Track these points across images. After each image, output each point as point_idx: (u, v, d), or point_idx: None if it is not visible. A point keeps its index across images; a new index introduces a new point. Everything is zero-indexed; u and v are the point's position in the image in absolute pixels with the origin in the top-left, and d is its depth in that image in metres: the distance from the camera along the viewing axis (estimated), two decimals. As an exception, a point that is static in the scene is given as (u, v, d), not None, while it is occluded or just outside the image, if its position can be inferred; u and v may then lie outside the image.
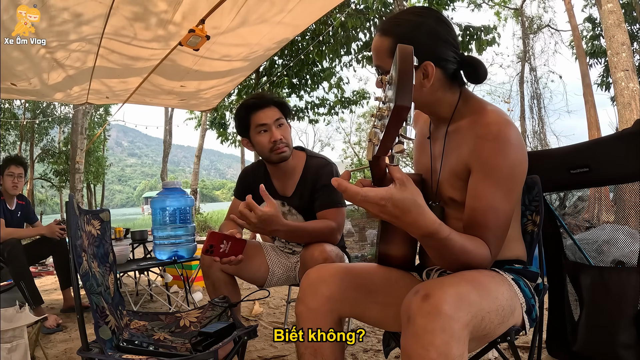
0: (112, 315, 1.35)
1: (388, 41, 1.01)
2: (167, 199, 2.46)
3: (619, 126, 6.97)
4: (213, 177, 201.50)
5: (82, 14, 2.59)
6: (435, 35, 1.01)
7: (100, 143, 22.07)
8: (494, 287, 0.92)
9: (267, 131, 1.68)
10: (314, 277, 1.12)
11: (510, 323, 0.97)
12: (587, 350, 1.32)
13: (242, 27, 2.99)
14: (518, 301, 0.99)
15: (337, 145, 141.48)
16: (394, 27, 1.02)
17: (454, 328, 0.75)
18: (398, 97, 0.60)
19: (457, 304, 0.78)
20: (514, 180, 0.96)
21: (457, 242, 0.87)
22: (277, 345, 2.22)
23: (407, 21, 1.03)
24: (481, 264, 0.92)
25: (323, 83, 9.24)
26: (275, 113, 1.70)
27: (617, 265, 1.35)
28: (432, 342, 0.74)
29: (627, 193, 1.40)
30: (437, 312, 0.76)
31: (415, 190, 0.78)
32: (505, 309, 0.91)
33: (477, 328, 0.82)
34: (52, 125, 20.68)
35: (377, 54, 1.04)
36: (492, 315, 0.86)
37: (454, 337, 0.75)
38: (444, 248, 0.87)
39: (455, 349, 0.75)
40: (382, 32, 1.04)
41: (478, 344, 0.92)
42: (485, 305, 0.85)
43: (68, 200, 1.27)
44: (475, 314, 0.81)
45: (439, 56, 1.00)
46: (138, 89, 3.96)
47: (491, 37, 7.39)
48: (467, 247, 0.89)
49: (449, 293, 0.79)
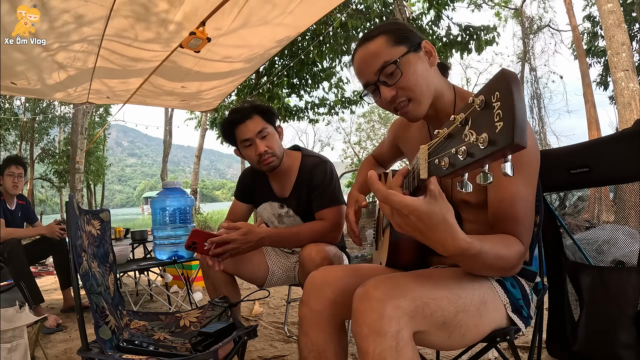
0: (112, 315, 1.35)
1: (382, 38, 1.02)
2: (167, 199, 2.46)
3: (619, 126, 6.97)
4: (213, 177, 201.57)
5: (84, 15, 2.59)
6: (415, 27, 1.07)
7: (100, 143, 22.08)
8: (445, 278, 0.94)
9: (251, 145, 1.67)
10: (319, 279, 1.11)
11: (488, 317, 0.96)
12: (587, 350, 1.32)
13: (243, 28, 2.99)
14: (496, 298, 0.99)
15: (337, 145, 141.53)
16: (377, 30, 1.04)
17: (384, 308, 0.82)
18: (517, 134, 0.51)
19: (388, 289, 0.85)
20: (531, 165, 0.96)
21: (490, 253, 0.84)
22: (277, 345, 2.22)
23: (383, 23, 1.08)
24: (516, 263, 0.91)
25: (323, 83, 9.24)
26: (257, 124, 1.66)
27: (617, 265, 1.35)
28: (364, 320, 0.83)
29: (627, 193, 1.40)
30: (367, 296, 0.85)
31: (446, 206, 0.72)
32: (463, 298, 0.91)
33: (422, 312, 0.85)
34: (52, 125, 20.68)
35: (375, 54, 1.01)
36: (441, 301, 0.87)
37: (385, 317, 0.81)
38: (476, 263, 0.85)
39: (387, 326, 0.81)
40: (368, 39, 1.05)
41: (450, 335, 0.90)
42: (427, 291, 0.87)
43: (68, 200, 1.28)
44: (413, 298, 0.84)
45: (426, 39, 1.05)
46: (139, 89, 3.96)
47: (491, 37, 7.39)
48: (501, 253, 0.87)
49: (382, 281, 0.87)
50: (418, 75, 1.01)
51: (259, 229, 1.56)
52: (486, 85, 0.58)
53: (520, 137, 0.51)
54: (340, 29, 7.69)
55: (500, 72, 0.56)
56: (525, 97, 11.53)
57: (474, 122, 0.58)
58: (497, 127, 0.54)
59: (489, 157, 0.55)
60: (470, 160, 0.58)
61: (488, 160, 0.56)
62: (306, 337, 1.07)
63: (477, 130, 0.57)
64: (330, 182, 1.70)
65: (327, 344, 1.06)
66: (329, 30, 7.86)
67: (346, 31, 7.78)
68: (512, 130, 0.52)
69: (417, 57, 1.02)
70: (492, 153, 0.54)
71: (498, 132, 0.53)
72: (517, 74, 0.58)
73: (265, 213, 1.87)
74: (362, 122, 23.27)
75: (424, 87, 1.02)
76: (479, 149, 0.56)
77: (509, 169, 0.56)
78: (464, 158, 0.59)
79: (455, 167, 0.61)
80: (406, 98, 1.02)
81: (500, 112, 0.54)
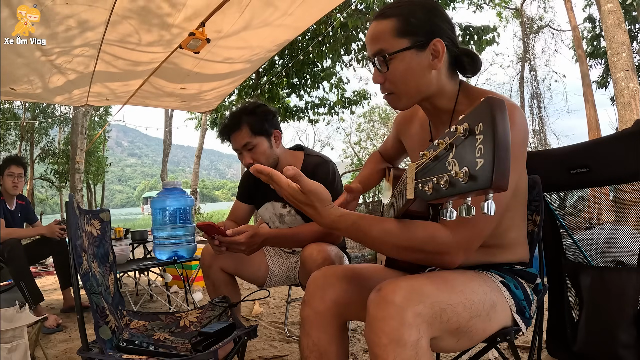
0: (112, 315, 1.35)
1: (391, 22, 0.98)
2: (167, 199, 2.46)
3: (619, 126, 6.96)
4: (213, 177, 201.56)
5: (88, 20, 2.59)
6: (440, 14, 0.99)
7: (101, 143, 22.08)
8: (461, 282, 0.92)
9: (241, 154, 1.72)
10: (321, 280, 1.10)
11: (496, 320, 0.96)
12: (587, 350, 1.32)
13: (244, 30, 2.99)
14: (504, 300, 0.98)
15: (337, 145, 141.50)
16: (394, 9, 0.99)
17: (405, 316, 0.79)
18: (497, 175, 0.50)
19: (407, 294, 0.81)
20: (517, 160, 0.92)
21: (375, 227, 0.90)
22: (277, 345, 2.22)
23: (409, 2, 1.00)
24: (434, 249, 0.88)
25: (323, 83, 9.24)
26: (243, 136, 1.67)
27: (617, 265, 1.35)
28: (383, 328, 0.79)
29: (627, 193, 1.40)
30: (385, 302, 0.81)
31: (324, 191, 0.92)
32: (476, 304, 0.90)
33: (440, 319, 0.83)
34: (52, 125, 20.70)
35: (378, 37, 0.99)
36: (457, 307, 0.86)
37: (405, 324, 0.78)
38: (357, 233, 0.92)
39: (407, 335, 0.78)
40: (381, 16, 1.00)
41: (459, 339, 0.90)
42: (445, 297, 0.85)
43: (68, 200, 1.27)
44: (431, 305, 0.82)
45: (445, 34, 0.98)
46: (139, 91, 3.96)
47: (491, 37, 7.39)
48: (391, 230, 0.89)
49: (400, 286, 0.83)
50: (408, 74, 0.98)
51: (262, 230, 1.55)
52: (472, 111, 0.56)
53: (500, 179, 0.50)
54: (340, 29, 7.69)
55: (485, 100, 0.53)
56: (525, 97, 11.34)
57: (457, 151, 0.57)
58: (477, 164, 0.52)
59: (469, 193, 0.54)
60: (452, 192, 0.57)
61: (468, 195, 0.55)
62: (308, 337, 1.07)
63: (460, 161, 0.56)
64: (333, 182, 1.70)
65: (329, 344, 1.05)
66: (329, 30, 7.86)
67: (346, 31, 7.78)
68: (491, 172, 0.50)
69: (415, 55, 0.97)
70: (472, 190, 0.53)
71: (479, 169, 0.52)
72: (503, 101, 0.53)
73: (267, 213, 1.87)
74: (362, 122, 23.25)
75: (411, 86, 1.00)
76: (459, 182, 0.55)
77: (489, 208, 0.54)
78: (445, 188, 0.58)
79: (438, 195, 0.61)
80: (389, 90, 1.03)
81: (481, 147, 0.52)
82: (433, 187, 0.62)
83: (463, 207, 0.57)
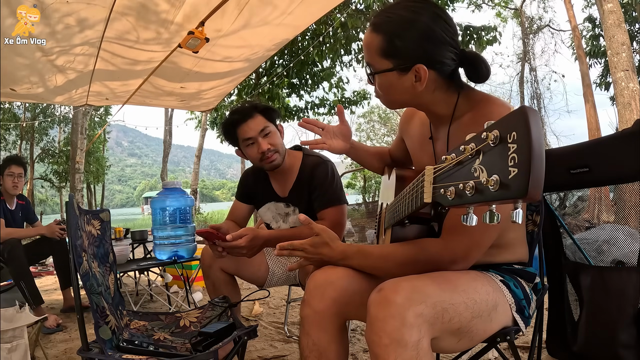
0: (112, 315, 1.35)
1: (379, 39, 0.98)
2: (167, 199, 2.46)
3: (619, 126, 6.97)
4: (213, 177, 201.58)
5: (86, 18, 2.59)
6: (430, 35, 0.95)
7: (100, 143, 22.06)
8: (464, 282, 0.92)
9: (254, 143, 1.69)
10: (321, 279, 1.09)
11: (497, 320, 0.96)
12: (587, 350, 1.32)
13: (243, 29, 2.99)
14: (505, 300, 0.98)
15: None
16: (385, 24, 0.98)
17: (406, 316, 0.79)
18: (532, 185, 0.49)
19: (409, 294, 0.81)
20: None
21: (375, 253, 1.03)
22: (277, 345, 2.22)
23: (400, 17, 0.97)
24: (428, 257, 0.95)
25: (323, 83, 9.25)
26: (259, 123, 1.68)
27: (617, 265, 1.35)
28: (384, 328, 0.79)
29: (627, 193, 1.40)
30: (387, 301, 0.81)
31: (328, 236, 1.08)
32: (479, 304, 0.90)
33: (441, 319, 0.83)
34: (52, 125, 20.69)
35: (367, 51, 1.02)
36: (459, 307, 0.86)
37: (406, 324, 0.78)
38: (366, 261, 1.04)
39: (408, 335, 0.78)
40: (373, 27, 1.00)
41: (459, 339, 0.91)
42: (447, 297, 0.85)
43: (68, 200, 1.27)
44: (433, 304, 0.82)
45: (432, 58, 0.96)
46: (138, 90, 3.96)
47: (491, 37, 7.39)
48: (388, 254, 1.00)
49: (401, 286, 0.83)
50: (392, 90, 1.03)
51: (262, 232, 1.55)
52: (503, 119, 0.54)
53: (535, 190, 0.49)
54: (340, 29, 7.69)
55: (520, 109, 0.52)
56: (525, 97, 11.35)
57: (486, 158, 0.56)
58: (510, 173, 0.51)
59: (498, 201, 0.54)
60: (478, 198, 0.56)
61: (497, 202, 0.55)
62: (308, 337, 1.06)
63: (489, 169, 0.55)
64: (332, 182, 1.70)
65: (329, 344, 1.05)
66: (329, 30, 7.86)
67: (346, 31, 7.78)
68: (526, 182, 0.49)
69: (398, 77, 0.99)
70: (503, 199, 0.52)
71: (511, 178, 0.51)
72: (537, 112, 0.53)
73: (269, 213, 1.87)
74: (362, 122, 23.27)
75: (395, 99, 1.06)
76: (489, 190, 0.54)
77: (518, 216, 0.53)
78: (471, 194, 0.57)
79: (462, 200, 0.60)
80: (379, 94, 1.08)
81: (515, 157, 0.51)
82: (456, 192, 0.61)
83: (486, 214, 0.56)
